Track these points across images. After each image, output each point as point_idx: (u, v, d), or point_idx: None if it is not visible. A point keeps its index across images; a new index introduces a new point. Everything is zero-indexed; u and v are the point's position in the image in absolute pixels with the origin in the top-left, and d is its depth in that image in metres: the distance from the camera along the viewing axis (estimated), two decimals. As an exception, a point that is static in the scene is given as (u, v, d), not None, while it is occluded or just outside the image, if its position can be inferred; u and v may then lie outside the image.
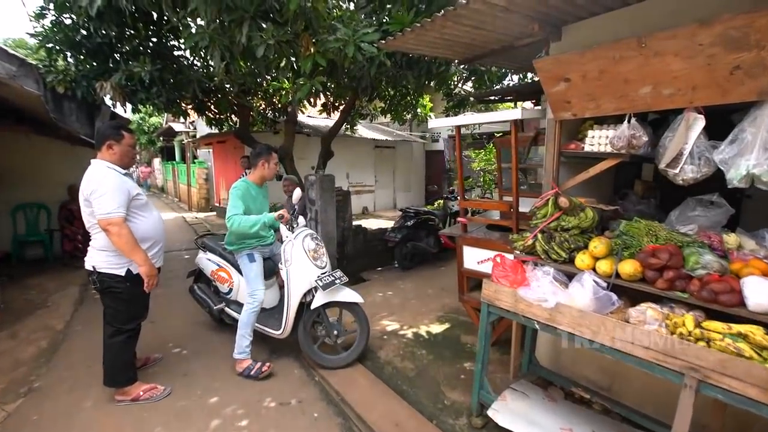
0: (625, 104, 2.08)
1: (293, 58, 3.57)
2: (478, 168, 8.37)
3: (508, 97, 6.41)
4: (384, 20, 3.70)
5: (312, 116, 11.06)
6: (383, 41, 2.74)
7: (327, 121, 10.93)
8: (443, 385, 2.65)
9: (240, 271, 3.00)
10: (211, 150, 10.62)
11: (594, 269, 1.93)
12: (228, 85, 5.50)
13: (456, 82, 6.64)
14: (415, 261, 5.89)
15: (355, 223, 5.79)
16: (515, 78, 6.75)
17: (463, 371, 2.81)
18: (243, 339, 2.80)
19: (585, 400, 2.37)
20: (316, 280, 2.77)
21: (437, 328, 3.58)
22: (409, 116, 7.82)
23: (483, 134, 8.31)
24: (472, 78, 5.72)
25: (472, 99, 7.05)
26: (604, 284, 1.80)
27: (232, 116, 7.09)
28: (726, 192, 2.11)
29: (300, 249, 2.82)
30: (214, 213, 11.16)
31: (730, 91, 1.73)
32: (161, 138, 16.88)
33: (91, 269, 2.31)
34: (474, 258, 3.09)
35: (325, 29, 3.30)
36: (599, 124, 2.39)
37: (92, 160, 2.32)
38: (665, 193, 3.06)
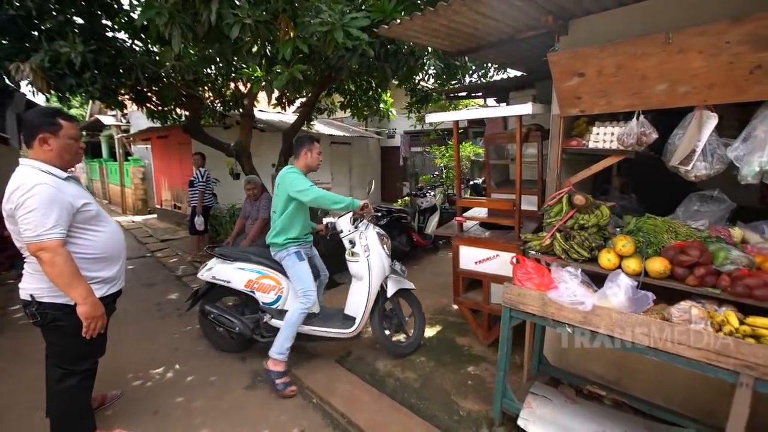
0: (637, 101, 2.07)
1: (267, 43, 3.20)
2: (441, 164, 8.42)
3: (475, 94, 6.48)
4: (362, 7, 3.47)
5: (264, 110, 10.37)
6: (385, 26, 2.50)
7: (281, 116, 10.34)
8: (453, 394, 2.52)
9: (285, 275, 2.80)
10: (149, 146, 9.50)
11: (619, 268, 1.91)
12: (175, 73, 4.86)
13: (423, 77, 6.55)
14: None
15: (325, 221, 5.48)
16: (475, 76, 6.80)
17: (469, 377, 2.71)
18: (287, 341, 2.60)
19: (595, 396, 2.39)
20: (392, 268, 2.92)
21: (428, 332, 3.44)
22: (368, 113, 7.59)
23: (445, 131, 8.37)
24: (444, 74, 5.63)
25: (434, 95, 7.03)
26: (635, 283, 1.77)
27: (176, 109, 6.36)
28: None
29: (375, 238, 2.83)
30: (155, 216, 10.04)
31: (746, 90, 1.77)
32: (85, 132, 14.85)
33: (29, 299, 1.79)
34: (471, 258, 2.99)
35: (307, 11, 2.98)
36: (600, 122, 2.39)
37: (21, 161, 1.79)
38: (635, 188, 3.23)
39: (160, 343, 3.25)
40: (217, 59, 4.43)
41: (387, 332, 3.00)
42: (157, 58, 4.78)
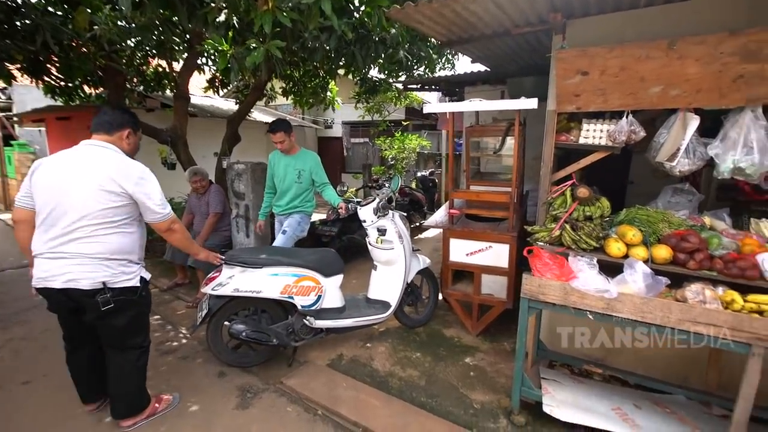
0: (631, 101, 2.24)
1: (237, 13, 2.79)
2: (390, 156, 8.41)
3: (427, 87, 6.57)
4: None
5: (191, 93, 9.23)
6: (397, 7, 2.34)
7: (213, 101, 9.37)
8: (461, 387, 2.52)
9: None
10: (43, 129, 7.79)
11: (627, 256, 2.07)
12: (96, 42, 3.99)
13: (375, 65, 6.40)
14: (349, 254, 5.58)
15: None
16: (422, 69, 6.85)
17: (470, 368, 2.74)
18: None
19: (585, 374, 2.59)
20: (415, 251, 3.18)
21: (413, 326, 3.41)
22: (313, 101, 7.22)
23: (392, 122, 8.35)
24: (406, 65, 5.52)
25: (384, 85, 6.96)
26: (650, 270, 1.92)
27: (83, 85, 5.33)
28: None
29: (403, 225, 3.01)
30: (51, 213, 8.34)
31: (726, 96, 2.01)
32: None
33: (101, 286, 1.83)
34: (462, 250, 3.02)
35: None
36: (587, 119, 2.54)
37: (101, 143, 1.92)
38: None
39: (110, 367, 2.69)
40: (159, 27, 3.78)
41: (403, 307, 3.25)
42: (70, 23, 3.90)
